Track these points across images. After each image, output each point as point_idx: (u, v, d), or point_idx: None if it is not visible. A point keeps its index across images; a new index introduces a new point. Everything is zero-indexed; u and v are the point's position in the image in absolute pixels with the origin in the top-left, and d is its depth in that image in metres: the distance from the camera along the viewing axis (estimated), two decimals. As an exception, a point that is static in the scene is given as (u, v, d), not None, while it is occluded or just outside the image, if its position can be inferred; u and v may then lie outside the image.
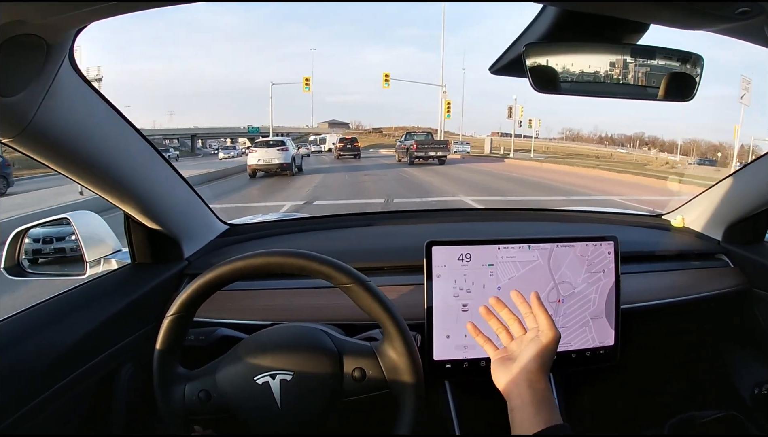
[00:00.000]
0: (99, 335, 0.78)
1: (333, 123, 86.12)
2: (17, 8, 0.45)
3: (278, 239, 1.19)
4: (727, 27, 0.57)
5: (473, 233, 1.13)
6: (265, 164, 13.28)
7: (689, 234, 1.23)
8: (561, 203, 6.69)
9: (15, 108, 0.55)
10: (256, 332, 0.73)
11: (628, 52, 0.66)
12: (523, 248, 0.85)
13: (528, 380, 0.59)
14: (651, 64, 0.66)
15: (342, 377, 0.67)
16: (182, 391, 0.66)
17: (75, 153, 0.69)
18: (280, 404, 0.65)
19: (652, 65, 0.66)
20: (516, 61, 0.67)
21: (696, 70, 0.67)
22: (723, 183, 1.14)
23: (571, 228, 1.28)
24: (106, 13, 0.51)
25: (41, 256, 1.07)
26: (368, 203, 8.22)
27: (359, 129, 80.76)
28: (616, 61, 0.66)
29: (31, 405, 0.65)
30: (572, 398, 0.97)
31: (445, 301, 0.83)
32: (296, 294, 0.96)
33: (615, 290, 0.88)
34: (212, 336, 0.83)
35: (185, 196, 1.00)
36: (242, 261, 0.65)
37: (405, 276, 0.98)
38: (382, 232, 1.28)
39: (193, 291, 0.65)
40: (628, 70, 0.66)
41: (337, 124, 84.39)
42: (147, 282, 0.90)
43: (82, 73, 0.65)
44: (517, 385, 0.60)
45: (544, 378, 0.60)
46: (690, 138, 79.54)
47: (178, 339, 0.67)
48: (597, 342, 0.88)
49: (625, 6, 0.56)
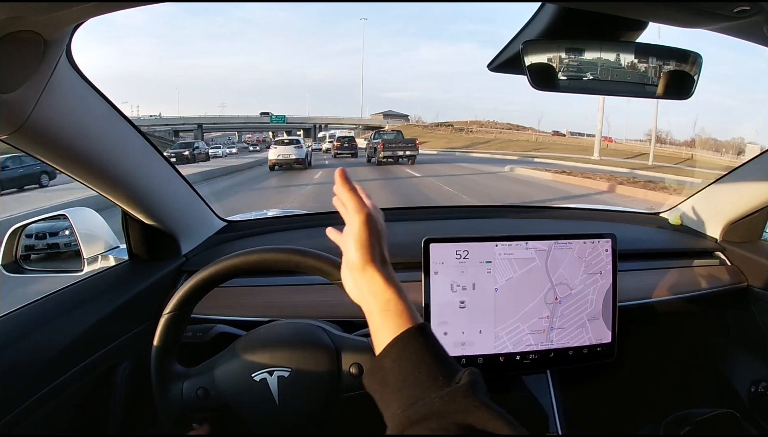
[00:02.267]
0: (96, 332, 0.78)
1: (389, 114, 70.54)
2: (14, 5, 0.45)
3: (276, 236, 1.19)
4: (726, 25, 0.57)
5: (471, 230, 1.13)
6: (284, 159, 15.66)
7: (687, 232, 1.23)
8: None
9: (12, 104, 0.55)
10: (253, 329, 0.73)
11: (627, 50, 0.66)
12: (521, 245, 0.85)
13: (358, 279, 0.50)
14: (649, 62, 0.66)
15: (339, 373, 0.67)
16: (180, 389, 0.66)
17: (72, 149, 0.69)
18: (278, 401, 0.65)
19: (651, 63, 0.66)
20: (514, 58, 0.67)
21: (694, 69, 0.67)
22: (721, 181, 1.14)
23: (568, 226, 1.28)
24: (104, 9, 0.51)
25: (33, 252, 1.04)
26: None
27: (419, 123, 62.41)
28: (614, 59, 0.66)
29: (28, 402, 0.65)
30: (569, 395, 0.97)
31: (443, 298, 0.83)
32: (293, 290, 0.96)
33: (612, 288, 0.88)
34: (210, 333, 0.83)
35: (183, 192, 1.00)
36: (238, 258, 0.65)
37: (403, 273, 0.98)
38: None
39: (190, 289, 0.65)
40: (626, 68, 0.66)
41: (394, 116, 69.17)
42: (144, 279, 0.90)
43: (80, 70, 0.65)
44: (357, 288, 0.51)
45: (377, 273, 0.49)
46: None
47: (176, 337, 0.67)
48: (594, 340, 0.88)
49: (624, 4, 0.56)
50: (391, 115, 70.32)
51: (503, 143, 38.75)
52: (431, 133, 51.33)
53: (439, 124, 59.42)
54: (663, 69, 0.66)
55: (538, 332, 0.85)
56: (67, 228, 0.99)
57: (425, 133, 49.87)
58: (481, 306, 0.84)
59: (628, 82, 0.67)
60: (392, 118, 67.11)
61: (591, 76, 0.66)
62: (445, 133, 52.51)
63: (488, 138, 45.16)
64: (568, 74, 0.66)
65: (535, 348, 0.85)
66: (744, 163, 1.08)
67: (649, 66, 0.66)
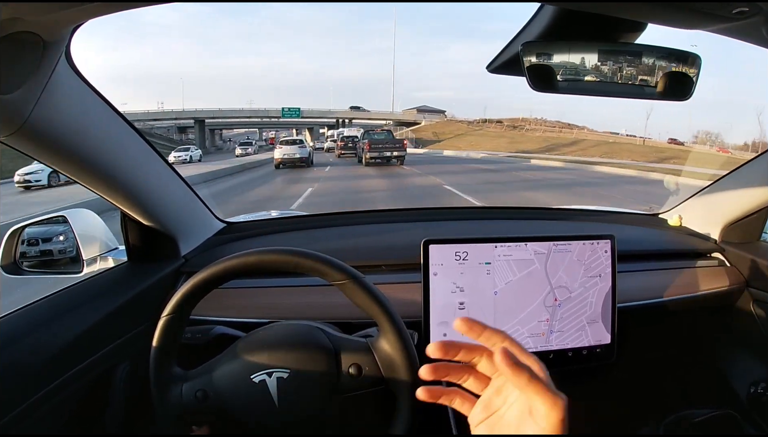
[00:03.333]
0: (95, 333, 0.78)
1: (423, 109, 63.32)
2: (12, 5, 0.45)
3: (275, 237, 1.19)
4: (725, 27, 0.57)
5: (470, 231, 1.13)
6: (289, 158, 16.80)
7: (686, 233, 1.24)
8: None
9: (12, 105, 0.55)
10: (252, 330, 0.73)
11: (626, 52, 0.66)
12: (520, 246, 0.85)
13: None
14: (648, 63, 0.66)
15: (339, 374, 0.67)
16: (179, 390, 0.66)
17: (72, 150, 0.69)
18: (278, 402, 0.65)
19: (650, 64, 0.66)
20: (513, 59, 0.67)
21: (693, 70, 0.67)
22: (720, 182, 1.14)
23: (567, 227, 1.28)
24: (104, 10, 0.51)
25: (26, 259, 1.02)
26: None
27: (454, 120, 54.58)
28: (613, 60, 0.66)
29: (26, 403, 0.64)
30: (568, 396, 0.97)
31: (443, 299, 0.83)
32: (292, 291, 0.96)
33: (611, 289, 0.88)
34: (209, 335, 0.83)
35: (182, 193, 1.00)
36: (237, 259, 0.65)
37: (402, 275, 0.99)
38: (380, 230, 1.28)
39: (188, 290, 0.65)
40: (625, 69, 0.66)
41: (430, 111, 61.69)
42: (143, 281, 0.90)
43: (79, 71, 0.65)
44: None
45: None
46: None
47: (175, 338, 0.67)
48: (593, 342, 0.88)
49: (623, 5, 0.56)
50: (425, 111, 62.90)
51: (604, 148, 28.65)
52: (479, 131, 43.84)
53: (485, 120, 50.93)
54: (662, 70, 0.67)
55: (538, 335, 0.85)
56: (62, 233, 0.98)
57: (471, 130, 44.21)
58: (480, 308, 0.84)
59: (628, 83, 0.67)
60: (428, 113, 59.52)
61: (590, 77, 0.66)
62: (498, 130, 43.92)
63: (565, 138, 36.50)
64: (567, 75, 0.66)
65: (534, 350, 0.85)
66: (743, 164, 1.08)
67: (649, 67, 0.67)
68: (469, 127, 48.41)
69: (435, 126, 48.23)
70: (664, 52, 0.67)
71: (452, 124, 50.54)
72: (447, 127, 45.09)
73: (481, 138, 39.24)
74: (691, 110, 44.95)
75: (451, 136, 42.36)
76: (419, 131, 44.27)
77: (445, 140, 40.49)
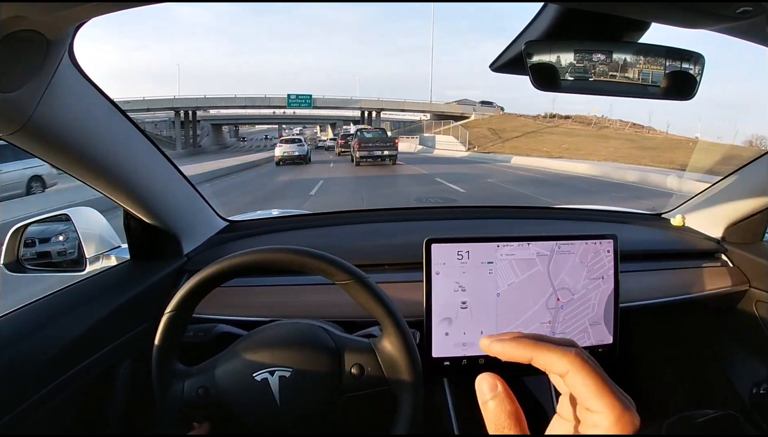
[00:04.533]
0: (98, 331, 0.78)
1: (464, 102, 48.32)
2: (16, 4, 0.45)
3: (278, 236, 1.19)
4: (728, 26, 0.56)
5: (472, 230, 1.13)
6: (288, 155, 18.03)
7: (689, 233, 1.23)
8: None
9: (15, 104, 0.55)
10: (255, 329, 0.73)
11: (629, 51, 0.66)
12: (522, 245, 0.85)
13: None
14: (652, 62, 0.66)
15: (341, 373, 0.67)
16: (181, 388, 0.66)
17: (74, 149, 0.69)
18: (279, 401, 0.65)
19: (653, 64, 0.66)
20: (517, 58, 0.67)
21: (696, 69, 0.67)
22: (723, 182, 1.14)
23: (570, 227, 1.28)
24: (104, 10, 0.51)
25: (28, 258, 0.98)
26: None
27: (514, 114, 40.53)
28: (616, 59, 0.66)
29: (29, 401, 0.65)
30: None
31: (444, 298, 0.83)
32: (295, 290, 0.96)
33: (614, 289, 0.88)
34: (211, 333, 0.83)
35: (185, 192, 1.00)
36: (241, 257, 0.65)
37: (404, 274, 0.99)
38: (382, 229, 1.28)
39: (191, 288, 0.65)
40: (628, 69, 0.66)
41: (470, 104, 46.63)
42: (146, 279, 0.90)
43: (82, 69, 0.65)
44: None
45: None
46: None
47: (177, 336, 0.67)
48: (595, 342, 0.88)
49: (626, 5, 0.56)
50: (466, 103, 48.31)
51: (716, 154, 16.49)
52: (556, 129, 31.87)
53: (553, 115, 39.56)
54: (665, 69, 0.66)
55: None
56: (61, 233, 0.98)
57: (544, 127, 32.58)
58: (482, 308, 0.84)
59: (631, 82, 0.67)
60: (467, 106, 46.05)
61: (593, 76, 0.66)
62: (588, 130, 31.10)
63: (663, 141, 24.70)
64: (570, 74, 0.65)
65: None
66: (746, 164, 1.08)
67: (651, 66, 0.66)
68: (535, 122, 36.37)
69: (490, 121, 37.05)
70: (667, 51, 0.66)
71: (512, 118, 38.27)
72: (507, 123, 32.81)
73: (574, 139, 26.85)
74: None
75: (518, 133, 30.69)
76: (470, 126, 32.35)
77: (511, 140, 28.81)
